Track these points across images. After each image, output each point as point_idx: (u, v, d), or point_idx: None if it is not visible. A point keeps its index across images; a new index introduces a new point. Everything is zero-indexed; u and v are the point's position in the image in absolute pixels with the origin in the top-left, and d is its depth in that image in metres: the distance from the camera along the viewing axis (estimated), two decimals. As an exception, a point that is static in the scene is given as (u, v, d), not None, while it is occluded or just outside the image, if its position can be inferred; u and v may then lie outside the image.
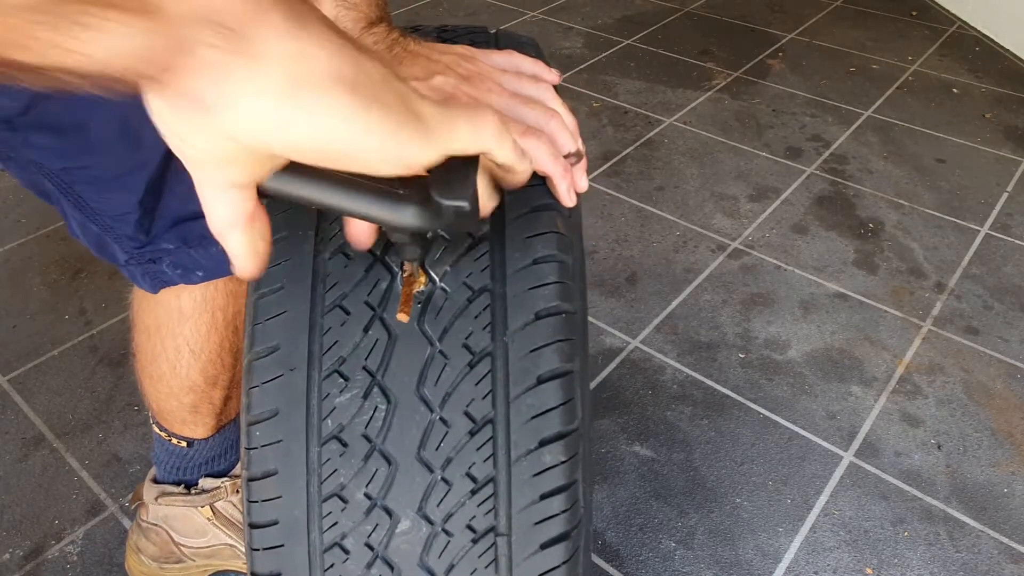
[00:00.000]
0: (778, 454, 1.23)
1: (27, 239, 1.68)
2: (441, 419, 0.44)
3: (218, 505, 0.98)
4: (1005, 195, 1.81)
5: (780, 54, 2.43)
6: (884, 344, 1.42)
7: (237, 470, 1.00)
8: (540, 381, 0.44)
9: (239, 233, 0.33)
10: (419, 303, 0.45)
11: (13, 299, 1.53)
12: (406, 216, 0.36)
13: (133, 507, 1.04)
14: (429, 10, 2.71)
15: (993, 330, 1.45)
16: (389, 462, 0.43)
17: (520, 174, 0.42)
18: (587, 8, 2.72)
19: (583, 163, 0.51)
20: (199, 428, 0.93)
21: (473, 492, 0.43)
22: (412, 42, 0.53)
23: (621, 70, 2.34)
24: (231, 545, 1.00)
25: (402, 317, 0.43)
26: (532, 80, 0.52)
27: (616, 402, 1.31)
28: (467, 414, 0.44)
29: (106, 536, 1.12)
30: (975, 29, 2.55)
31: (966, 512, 1.15)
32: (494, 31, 0.66)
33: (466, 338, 0.44)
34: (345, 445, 0.44)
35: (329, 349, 0.45)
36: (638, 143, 1.99)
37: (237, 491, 0.98)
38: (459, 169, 0.36)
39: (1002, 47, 2.44)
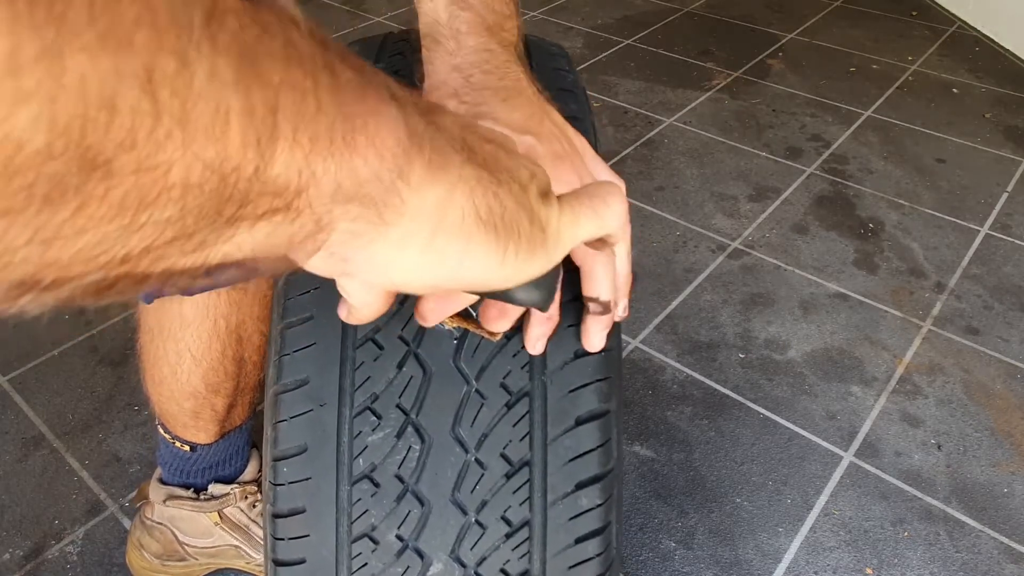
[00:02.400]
0: (778, 454, 1.23)
1: (27, 239, 1.68)
2: (477, 460, 0.43)
3: (226, 511, 0.98)
4: (1005, 195, 1.81)
5: (780, 54, 2.43)
6: (884, 344, 1.42)
7: (245, 475, 1.00)
8: (578, 423, 0.43)
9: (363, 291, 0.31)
10: (455, 339, 0.44)
11: (13, 299, 1.52)
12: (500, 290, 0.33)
13: (137, 504, 1.04)
14: (429, 10, 2.71)
15: (993, 330, 1.45)
16: (422, 503, 0.42)
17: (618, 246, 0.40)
18: (587, 8, 2.72)
19: (607, 318, 0.46)
20: (201, 433, 0.92)
21: (508, 536, 0.42)
22: (531, 88, 0.46)
23: (621, 70, 2.34)
24: (235, 546, 1.00)
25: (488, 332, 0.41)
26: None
27: (616, 402, 1.31)
28: (504, 456, 0.43)
29: (106, 536, 1.12)
30: (975, 29, 2.55)
31: (966, 512, 1.15)
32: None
33: (504, 377, 0.43)
34: (377, 485, 0.42)
35: (361, 385, 0.43)
36: (638, 143, 1.99)
37: (246, 497, 0.98)
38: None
39: (1002, 47, 2.44)
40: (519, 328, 0.44)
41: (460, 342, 0.44)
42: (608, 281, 0.43)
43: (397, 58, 0.58)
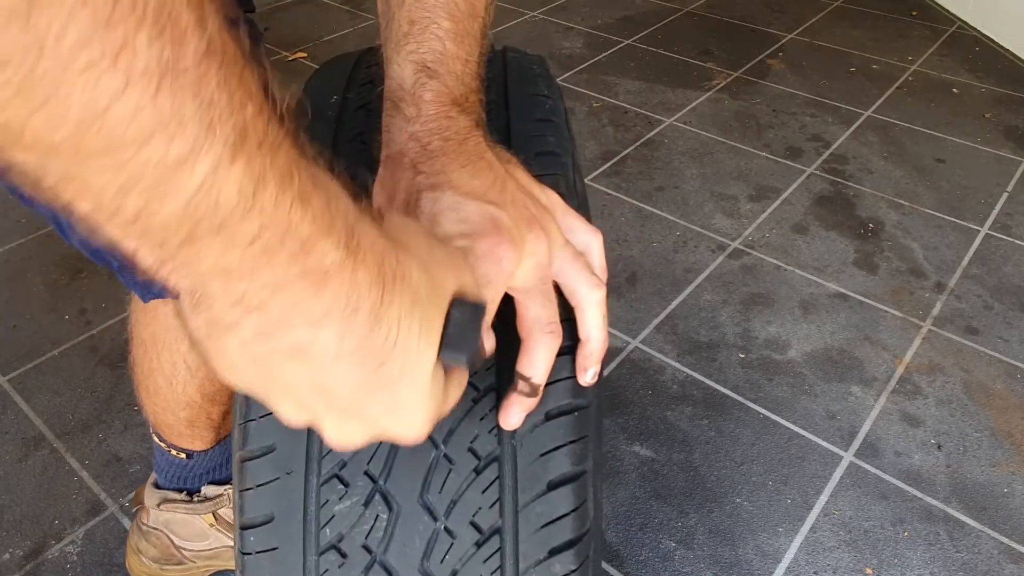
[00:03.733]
0: (778, 454, 1.23)
1: (27, 239, 1.68)
2: (446, 529, 0.41)
3: (220, 512, 0.98)
4: (1005, 195, 1.81)
5: (780, 54, 2.43)
6: (884, 344, 1.42)
7: None
8: (551, 487, 0.42)
9: None
10: None
11: (13, 299, 1.53)
12: None
13: (134, 510, 1.04)
14: (429, 10, 2.70)
15: (993, 330, 1.45)
16: (390, 575, 0.41)
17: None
18: (587, 8, 2.72)
19: (532, 402, 0.45)
20: (197, 441, 0.92)
21: None
22: (492, 152, 0.45)
23: (621, 70, 2.34)
24: (232, 547, 1.00)
25: None
26: (585, 269, 0.46)
27: (616, 402, 1.31)
28: (473, 524, 0.41)
29: (106, 536, 1.12)
30: (975, 29, 2.55)
31: (966, 512, 1.15)
32: (500, 48, 0.62)
33: (471, 441, 0.42)
34: (344, 556, 0.41)
35: (329, 452, 0.42)
36: (638, 143, 1.99)
37: None
38: (459, 323, 0.33)
39: (1002, 47, 2.44)
40: (486, 390, 0.43)
41: None
42: (544, 365, 0.42)
43: (367, 87, 0.56)
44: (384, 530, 0.41)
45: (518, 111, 0.54)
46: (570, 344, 0.45)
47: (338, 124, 0.53)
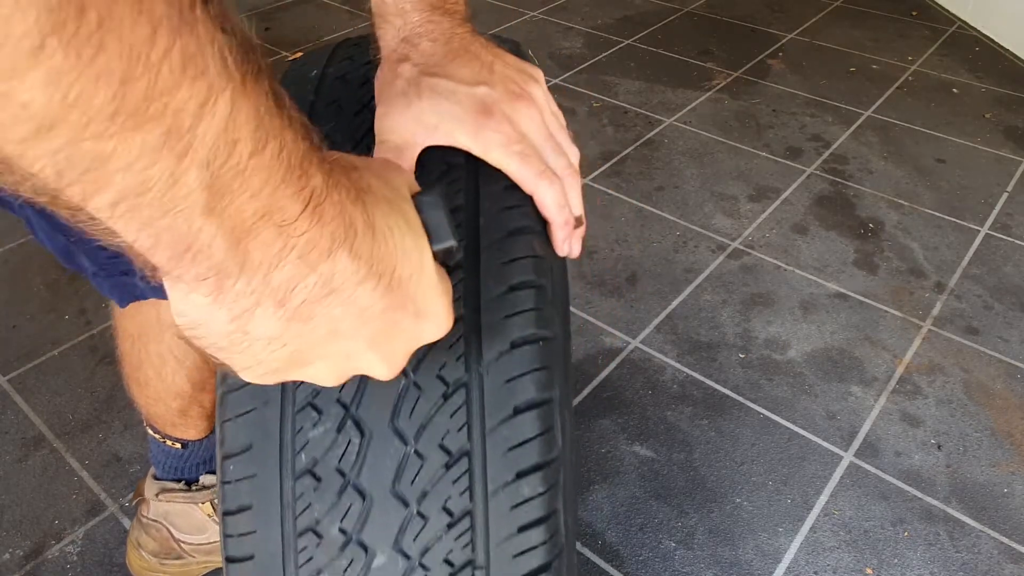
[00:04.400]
0: (778, 454, 1.23)
1: (27, 239, 1.68)
2: (416, 452, 0.43)
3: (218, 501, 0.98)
4: (1005, 195, 1.81)
5: (780, 54, 2.43)
6: (884, 344, 1.42)
7: None
8: (516, 412, 0.43)
9: None
10: None
11: (13, 299, 1.53)
12: None
13: (135, 503, 1.04)
14: (429, 10, 2.71)
15: (993, 330, 1.45)
16: (364, 497, 0.42)
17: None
18: (587, 8, 2.72)
19: (581, 230, 0.51)
20: (191, 430, 0.92)
21: (450, 526, 0.42)
22: (476, 42, 0.50)
23: (621, 70, 2.34)
24: None
25: None
26: (569, 135, 0.52)
27: (616, 402, 1.31)
28: (442, 447, 0.43)
29: (106, 536, 1.12)
30: (975, 29, 2.55)
31: (966, 512, 1.15)
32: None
33: (440, 369, 0.43)
34: (319, 480, 0.43)
35: (303, 382, 0.43)
36: (638, 143, 1.99)
37: None
38: (431, 208, 0.35)
39: (1002, 47, 2.44)
40: (455, 317, 0.44)
41: None
42: (557, 204, 0.48)
43: (346, 63, 0.59)
44: (356, 454, 0.43)
45: None
46: (534, 256, 0.47)
47: (316, 93, 0.56)
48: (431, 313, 0.35)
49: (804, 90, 2.23)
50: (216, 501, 0.97)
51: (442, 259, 0.36)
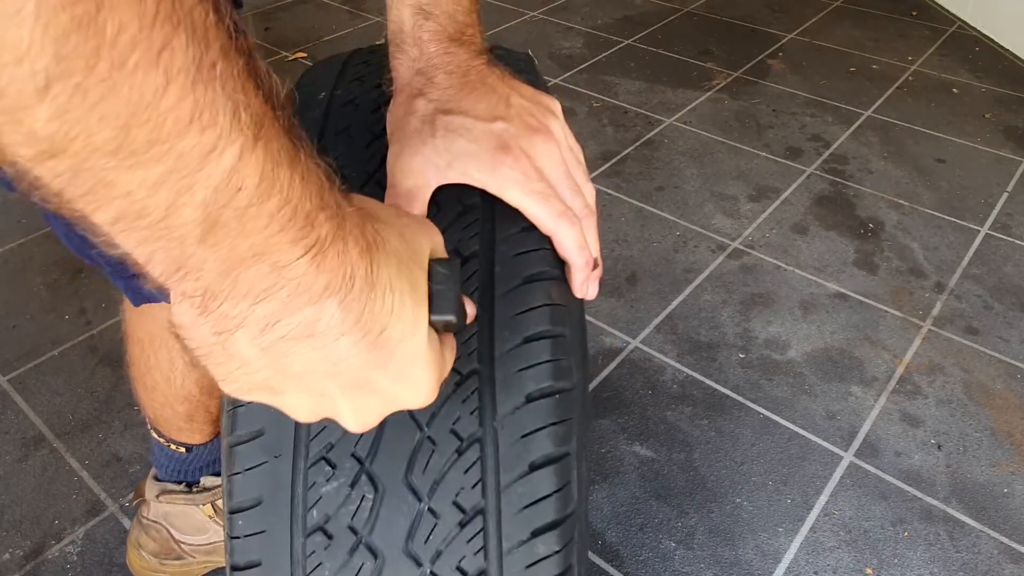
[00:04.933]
0: (778, 454, 1.23)
1: (27, 239, 1.68)
2: (430, 509, 0.42)
3: (219, 503, 0.98)
4: (1005, 195, 1.81)
5: (780, 54, 2.43)
6: (884, 344, 1.42)
7: None
8: (532, 468, 0.42)
9: None
10: None
11: (13, 299, 1.53)
12: None
13: (135, 504, 1.04)
14: (429, 10, 2.71)
15: (993, 330, 1.45)
16: (376, 555, 0.41)
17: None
18: (587, 8, 2.72)
19: (598, 272, 0.49)
20: (196, 435, 0.93)
21: None
22: (492, 75, 0.49)
23: (621, 70, 2.34)
24: None
25: None
26: (585, 173, 0.50)
27: (616, 402, 1.31)
28: (456, 504, 0.42)
29: (106, 536, 1.12)
30: (975, 29, 2.55)
31: (966, 512, 1.15)
32: (491, 45, 0.64)
33: (454, 423, 0.42)
34: (330, 537, 0.42)
35: (317, 435, 0.42)
36: (638, 143, 1.99)
37: None
38: (442, 280, 0.35)
39: (1002, 47, 2.44)
40: (469, 373, 0.43)
41: None
42: (577, 245, 0.47)
43: (355, 84, 0.57)
44: (369, 511, 0.42)
45: None
46: (551, 305, 0.46)
47: (325, 119, 0.54)
48: (413, 381, 0.34)
49: (804, 90, 2.23)
50: (217, 503, 0.97)
51: (442, 329, 0.35)
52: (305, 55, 2.43)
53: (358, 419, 0.34)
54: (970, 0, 2.58)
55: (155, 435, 0.94)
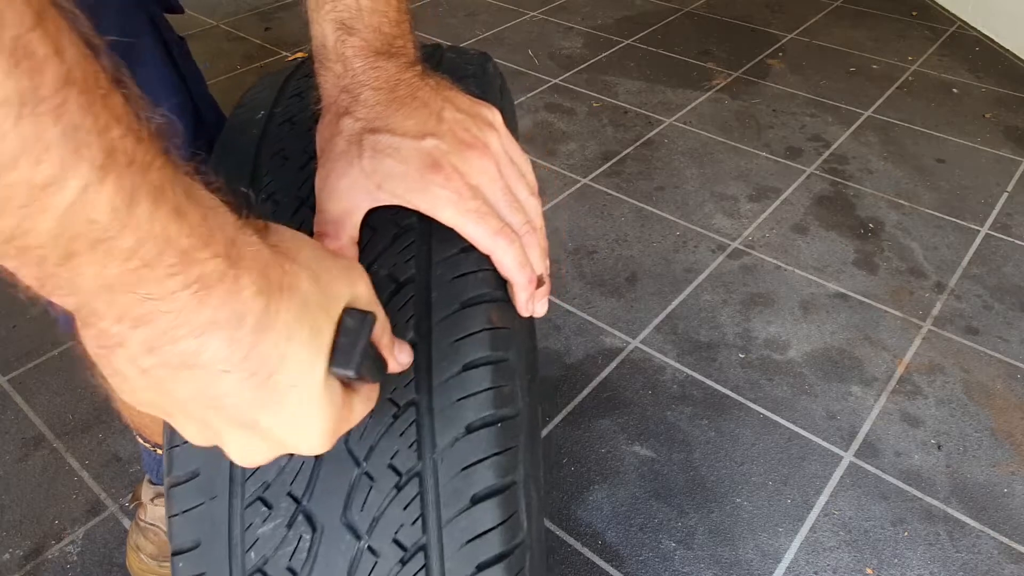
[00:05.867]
0: (778, 454, 1.23)
1: (27, 239, 1.68)
2: (369, 548, 0.40)
3: None
4: (1005, 195, 1.81)
5: (780, 54, 2.43)
6: (884, 344, 1.42)
7: None
8: (475, 501, 0.41)
9: None
10: None
11: (13, 299, 1.52)
12: None
13: (132, 507, 1.04)
14: (428, 10, 2.71)
15: (993, 330, 1.45)
16: None
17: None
18: (587, 8, 2.73)
19: (545, 289, 0.47)
20: None
21: None
22: (425, 87, 0.46)
23: (621, 70, 2.34)
24: None
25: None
26: (528, 187, 0.47)
27: (616, 402, 1.31)
28: (396, 542, 0.40)
29: (106, 536, 1.12)
30: (975, 29, 2.55)
31: (966, 512, 1.15)
32: (446, 46, 0.61)
33: (391, 457, 0.41)
34: None
35: (252, 475, 0.42)
36: (638, 143, 1.99)
37: None
38: (349, 332, 0.33)
39: (1002, 47, 2.44)
40: (406, 405, 0.42)
41: None
42: (517, 264, 0.44)
43: (294, 100, 0.56)
44: (308, 551, 0.41)
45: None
46: (491, 329, 0.44)
47: (262, 139, 0.53)
48: (302, 429, 0.33)
49: (804, 90, 2.23)
50: None
51: (340, 375, 0.34)
52: (305, 55, 2.42)
53: (243, 455, 0.33)
54: (970, 0, 2.58)
55: (140, 440, 0.94)
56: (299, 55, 2.47)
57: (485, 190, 0.44)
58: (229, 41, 2.54)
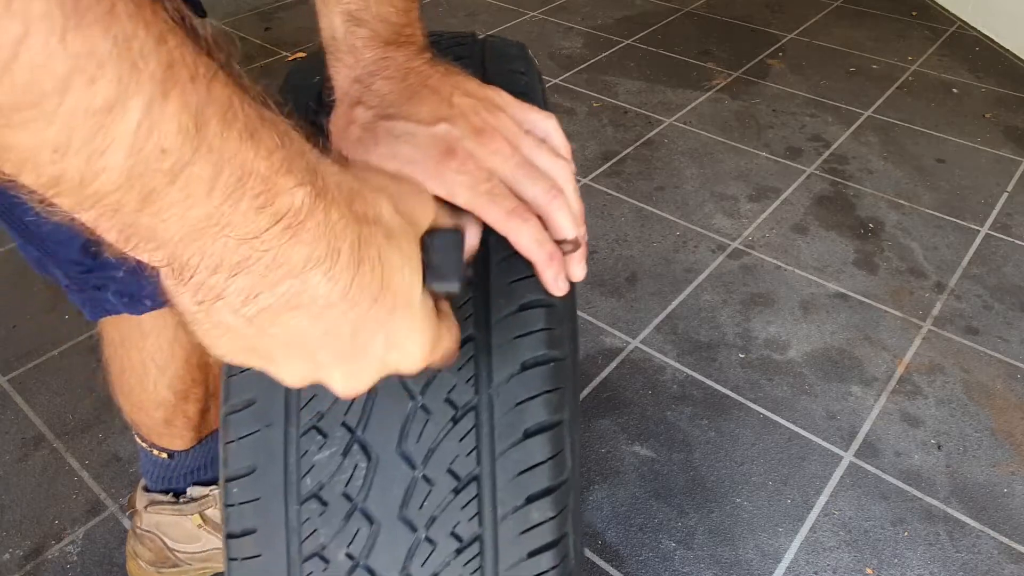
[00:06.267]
0: (778, 454, 1.23)
1: (27, 239, 1.68)
2: (424, 477, 0.42)
3: (207, 512, 0.98)
4: (1005, 195, 1.81)
5: (780, 54, 2.43)
6: (884, 344, 1.42)
7: None
8: (527, 435, 0.43)
9: None
10: None
11: (13, 299, 1.53)
12: None
13: (128, 514, 1.04)
14: (429, 10, 2.71)
15: (993, 330, 1.45)
16: (371, 521, 0.42)
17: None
18: (587, 8, 2.72)
19: (581, 251, 0.47)
20: (177, 440, 0.92)
21: (458, 551, 0.42)
22: (434, 75, 0.47)
23: (621, 70, 2.34)
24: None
25: None
26: (551, 152, 0.48)
27: (616, 402, 1.31)
28: (451, 471, 0.42)
29: (106, 536, 1.12)
30: (975, 29, 2.55)
31: (966, 512, 1.15)
32: (481, 37, 0.63)
33: (449, 392, 0.43)
34: (325, 504, 0.42)
35: (307, 404, 0.43)
36: (638, 143, 1.99)
37: None
38: (445, 248, 0.35)
39: (1002, 47, 2.44)
40: (464, 340, 0.43)
41: None
42: (535, 240, 0.44)
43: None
44: (363, 479, 0.42)
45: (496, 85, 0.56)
46: (529, 277, 0.45)
47: (319, 102, 0.54)
48: (406, 348, 0.34)
49: (804, 90, 2.23)
50: (206, 512, 0.97)
51: (443, 297, 0.35)
52: (305, 55, 2.43)
53: (349, 385, 0.34)
54: (970, 0, 2.58)
55: (138, 439, 0.94)
56: (299, 55, 2.47)
57: (499, 170, 0.45)
58: (229, 41, 2.54)
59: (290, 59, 2.41)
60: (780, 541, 1.11)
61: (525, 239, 0.44)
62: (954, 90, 2.23)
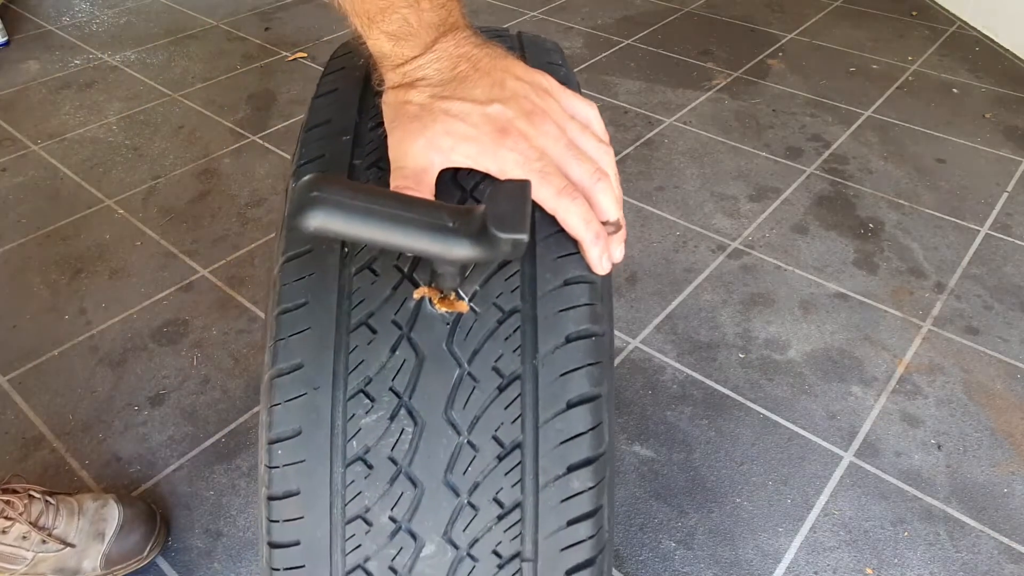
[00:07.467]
0: (778, 454, 1.23)
1: (27, 239, 1.68)
2: (469, 443, 0.43)
3: None
4: (1005, 195, 1.81)
5: (780, 54, 2.43)
6: (884, 344, 1.42)
7: None
8: (570, 406, 0.44)
9: None
10: (447, 323, 0.44)
11: (13, 299, 1.53)
12: (461, 250, 0.37)
13: None
14: (429, 10, 2.70)
15: (993, 330, 1.45)
16: (415, 485, 0.43)
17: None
18: (587, 8, 2.73)
19: (621, 233, 0.49)
20: None
21: (500, 517, 0.43)
22: (486, 57, 0.50)
23: (621, 70, 2.34)
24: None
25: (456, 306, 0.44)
26: (595, 137, 0.51)
27: (616, 402, 1.31)
28: (495, 438, 0.43)
29: (106, 536, 1.11)
30: (975, 29, 2.55)
31: (966, 512, 1.15)
32: (516, 33, 0.65)
33: (496, 360, 0.44)
34: (370, 467, 0.43)
35: (355, 369, 0.44)
36: (638, 143, 1.99)
37: None
38: (513, 199, 0.36)
39: (1002, 47, 2.44)
40: (511, 311, 0.45)
41: (452, 326, 0.44)
42: (583, 221, 0.47)
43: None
44: (409, 443, 0.43)
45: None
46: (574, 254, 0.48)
47: (365, 84, 0.56)
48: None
49: (804, 90, 2.23)
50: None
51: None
52: (305, 55, 2.43)
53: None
54: (970, 0, 2.58)
55: None
56: (299, 55, 2.47)
57: (550, 150, 0.48)
58: (229, 41, 2.54)
59: (290, 59, 2.41)
60: (780, 541, 1.11)
61: (574, 218, 0.47)
62: (954, 90, 2.23)
